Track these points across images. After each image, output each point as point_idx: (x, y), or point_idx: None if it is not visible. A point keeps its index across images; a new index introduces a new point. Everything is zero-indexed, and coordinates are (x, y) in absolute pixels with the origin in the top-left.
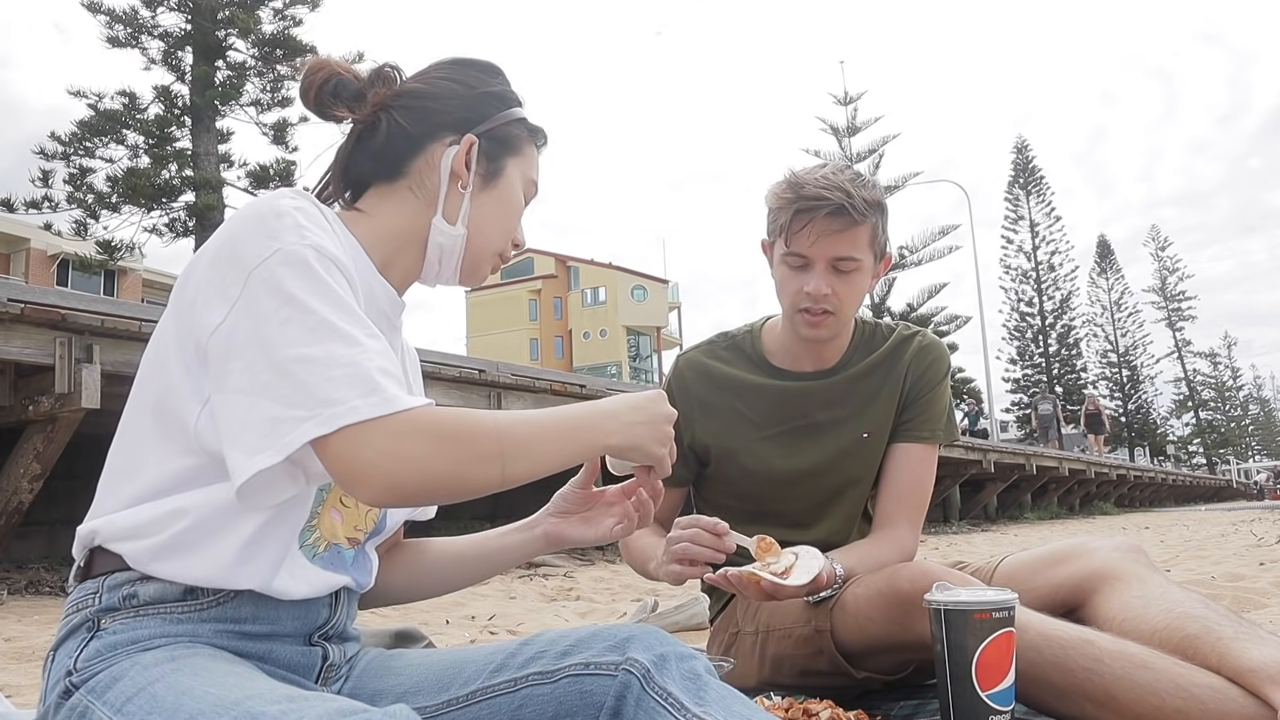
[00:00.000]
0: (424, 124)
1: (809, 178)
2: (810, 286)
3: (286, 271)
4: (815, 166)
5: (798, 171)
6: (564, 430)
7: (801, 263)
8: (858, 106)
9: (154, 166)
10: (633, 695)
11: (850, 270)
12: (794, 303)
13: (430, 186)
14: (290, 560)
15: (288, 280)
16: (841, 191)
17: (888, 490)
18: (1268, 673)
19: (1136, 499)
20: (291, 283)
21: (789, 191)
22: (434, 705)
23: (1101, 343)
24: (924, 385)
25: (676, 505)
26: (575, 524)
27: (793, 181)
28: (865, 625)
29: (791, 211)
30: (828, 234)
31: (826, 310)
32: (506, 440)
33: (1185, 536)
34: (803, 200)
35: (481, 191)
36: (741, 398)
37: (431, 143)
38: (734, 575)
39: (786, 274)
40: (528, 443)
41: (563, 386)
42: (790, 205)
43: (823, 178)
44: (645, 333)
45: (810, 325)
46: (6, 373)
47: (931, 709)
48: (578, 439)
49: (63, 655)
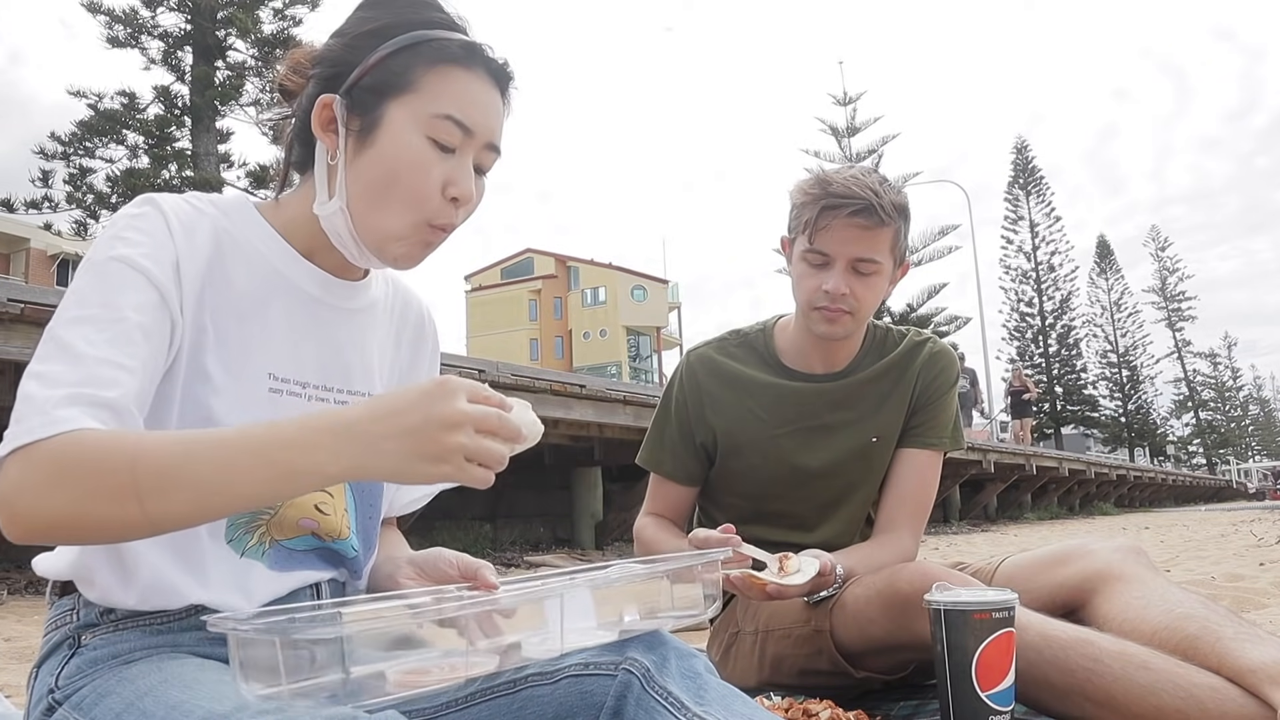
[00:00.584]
0: (309, 96)
1: (837, 176)
2: (829, 285)
3: (78, 284)
4: (844, 167)
5: (827, 169)
6: (248, 453)
7: (822, 260)
8: (857, 107)
9: (154, 166)
10: (633, 695)
11: (870, 273)
12: (810, 300)
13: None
14: (224, 569)
15: (71, 295)
16: (870, 192)
17: (891, 494)
18: (1267, 673)
19: (1136, 499)
20: (70, 299)
21: (816, 188)
22: (433, 707)
23: (1101, 343)
24: (933, 392)
25: (689, 507)
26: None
27: (821, 179)
28: (865, 625)
29: (818, 208)
30: (852, 234)
31: (843, 309)
32: (144, 472)
33: (1185, 537)
34: (830, 198)
35: (361, 152)
36: (752, 395)
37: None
38: (737, 577)
39: (806, 270)
40: (179, 473)
41: (562, 386)
42: (817, 202)
43: (851, 178)
44: (645, 333)
45: (826, 321)
46: (6, 373)
47: (931, 709)
48: (274, 464)
49: (45, 673)
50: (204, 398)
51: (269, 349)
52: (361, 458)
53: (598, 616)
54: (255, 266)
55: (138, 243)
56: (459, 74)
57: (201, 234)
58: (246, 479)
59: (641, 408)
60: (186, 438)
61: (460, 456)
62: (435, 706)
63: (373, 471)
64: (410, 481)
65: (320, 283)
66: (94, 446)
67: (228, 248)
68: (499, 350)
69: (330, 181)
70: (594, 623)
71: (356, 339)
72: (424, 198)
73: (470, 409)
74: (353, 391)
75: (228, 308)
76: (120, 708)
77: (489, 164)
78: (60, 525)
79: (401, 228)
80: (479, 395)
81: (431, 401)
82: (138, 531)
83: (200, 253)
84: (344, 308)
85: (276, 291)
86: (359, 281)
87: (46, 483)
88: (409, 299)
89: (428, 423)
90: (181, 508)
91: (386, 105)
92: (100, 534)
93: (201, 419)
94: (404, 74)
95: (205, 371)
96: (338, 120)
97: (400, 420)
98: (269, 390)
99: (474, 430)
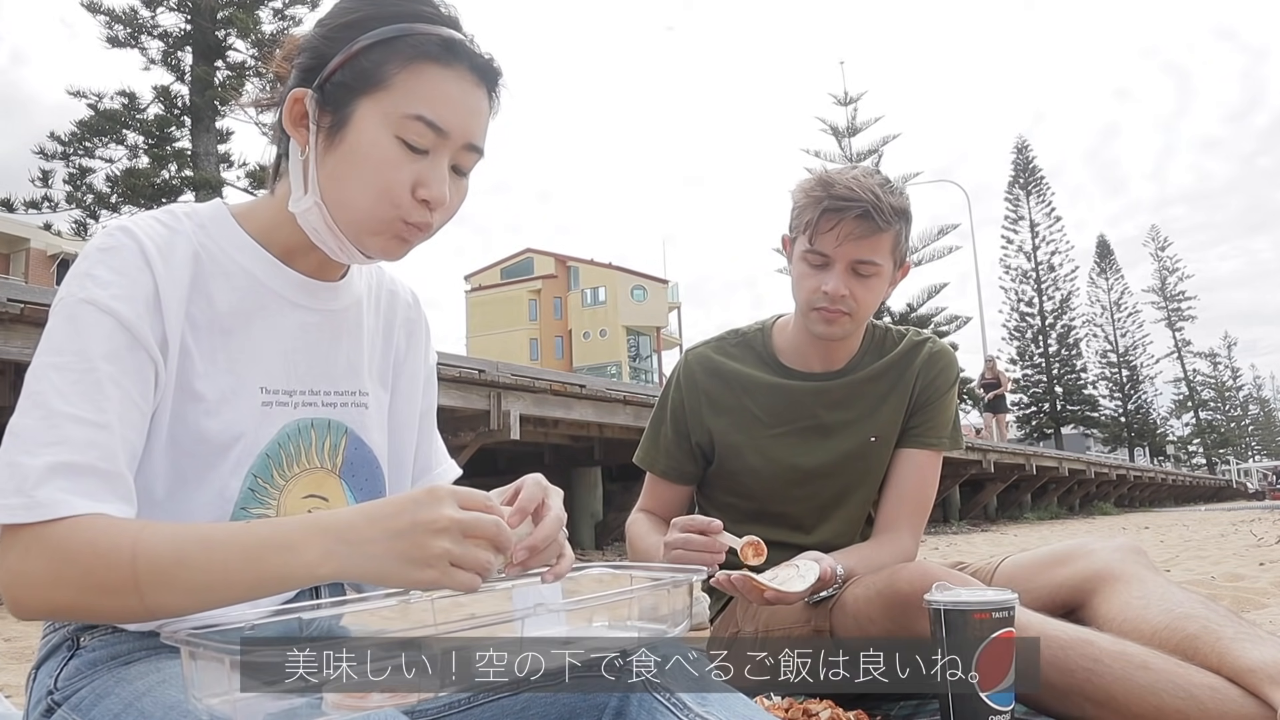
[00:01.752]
0: (288, 88)
1: (840, 178)
2: (829, 286)
3: (51, 327)
4: (846, 168)
5: (829, 170)
6: (239, 553)
7: (822, 261)
8: (858, 107)
9: (154, 166)
10: (635, 696)
11: (870, 275)
12: (809, 300)
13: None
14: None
15: (45, 339)
16: (871, 195)
17: (891, 494)
18: (1267, 673)
19: (1136, 499)
20: (44, 343)
21: (818, 189)
22: (435, 709)
23: (1101, 343)
24: (933, 392)
25: (682, 504)
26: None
27: (823, 180)
28: (865, 625)
29: (819, 210)
30: (852, 236)
31: (842, 310)
32: (145, 569)
33: (1185, 536)
34: (832, 200)
35: (330, 150)
36: (750, 395)
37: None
38: (737, 579)
39: (805, 271)
40: (174, 575)
41: (562, 386)
42: (818, 203)
43: (853, 179)
44: (645, 333)
45: (825, 322)
46: (6, 373)
47: (931, 709)
48: (261, 564)
49: (44, 674)
50: (196, 419)
51: (258, 362)
52: (349, 559)
53: (567, 627)
54: (235, 280)
55: (108, 282)
56: (435, 72)
57: (179, 255)
58: (239, 580)
59: (641, 408)
60: (180, 536)
61: (445, 562)
62: (438, 708)
63: (358, 573)
64: (395, 585)
65: (301, 288)
66: (94, 540)
67: (206, 264)
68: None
69: (304, 177)
70: (563, 630)
71: (341, 339)
72: (393, 199)
73: (457, 514)
74: (339, 392)
75: (213, 325)
76: (119, 708)
77: (469, 164)
78: (64, 613)
79: (373, 224)
80: (470, 502)
81: (418, 507)
82: (139, 618)
83: (180, 276)
84: (326, 309)
85: (258, 302)
86: (339, 281)
87: (49, 577)
88: (395, 288)
89: (414, 527)
90: (179, 605)
91: (357, 102)
92: (103, 619)
93: (194, 440)
94: (377, 70)
95: (196, 393)
96: (309, 116)
97: (388, 524)
98: (261, 404)
99: (461, 535)
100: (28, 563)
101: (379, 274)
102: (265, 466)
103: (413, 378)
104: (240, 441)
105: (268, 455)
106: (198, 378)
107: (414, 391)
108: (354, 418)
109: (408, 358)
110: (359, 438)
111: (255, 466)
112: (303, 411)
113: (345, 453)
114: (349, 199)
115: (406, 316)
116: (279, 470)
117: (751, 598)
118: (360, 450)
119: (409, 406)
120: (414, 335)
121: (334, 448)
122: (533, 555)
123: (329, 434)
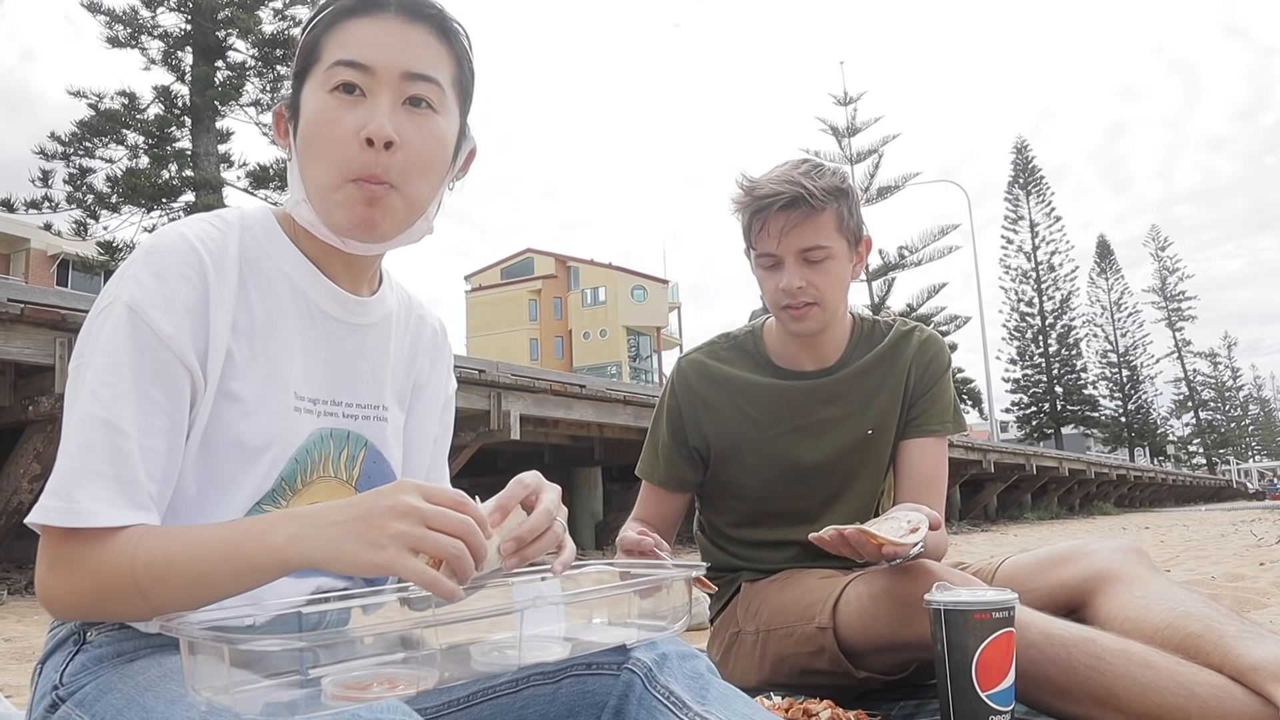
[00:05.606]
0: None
1: (762, 178)
2: (784, 283)
3: (99, 330)
4: (772, 167)
5: (751, 175)
6: (221, 546)
7: (772, 261)
8: (858, 107)
9: (154, 166)
10: (635, 694)
11: (821, 259)
12: (775, 301)
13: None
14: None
15: (92, 342)
16: (793, 184)
17: (907, 484)
18: (1269, 670)
19: (1136, 499)
20: (85, 340)
21: (745, 195)
22: (435, 706)
23: (1101, 343)
24: (929, 380)
25: (678, 514)
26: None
27: (747, 185)
28: (868, 624)
29: (750, 213)
30: (788, 228)
31: (808, 302)
32: (142, 573)
33: (1185, 536)
34: (757, 200)
35: (299, 142)
36: (745, 397)
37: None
38: (850, 533)
39: (763, 275)
40: (167, 575)
41: (563, 386)
42: (748, 208)
43: (776, 175)
44: (645, 333)
45: (795, 319)
46: (6, 373)
47: (931, 709)
48: (238, 553)
49: (49, 669)
50: (233, 421)
51: (291, 367)
52: (311, 541)
53: (566, 623)
54: (276, 284)
55: (151, 288)
56: (354, 24)
57: (229, 258)
58: (222, 571)
59: (641, 408)
60: (170, 536)
61: (400, 545)
62: (437, 705)
63: (318, 555)
64: (347, 571)
65: (334, 299)
66: (103, 551)
67: (251, 268)
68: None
69: (293, 179)
70: (561, 627)
71: (367, 353)
72: (340, 150)
73: (418, 503)
74: (361, 404)
75: (254, 329)
76: (122, 703)
77: (423, 93)
78: (88, 614)
79: (332, 188)
80: (436, 496)
81: (380, 494)
82: (148, 617)
83: (229, 281)
84: (356, 323)
85: (295, 308)
86: (371, 297)
87: (72, 583)
88: (424, 314)
89: (373, 510)
90: (178, 602)
91: (304, 87)
92: (122, 619)
93: (229, 440)
94: (313, 50)
95: (234, 395)
96: (285, 120)
97: (352, 509)
98: (293, 409)
99: (420, 522)
100: (58, 568)
101: (409, 297)
102: (292, 472)
103: (430, 403)
104: (274, 445)
105: (296, 461)
106: (236, 380)
107: (429, 416)
108: (374, 431)
109: (429, 382)
110: (378, 451)
111: (285, 471)
112: (324, 421)
113: (363, 465)
114: (313, 174)
115: (433, 343)
116: (302, 476)
117: (866, 553)
118: (378, 464)
119: (422, 430)
120: (437, 363)
121: (351, 459)
122: (520, 546)
123: (348, 445)
